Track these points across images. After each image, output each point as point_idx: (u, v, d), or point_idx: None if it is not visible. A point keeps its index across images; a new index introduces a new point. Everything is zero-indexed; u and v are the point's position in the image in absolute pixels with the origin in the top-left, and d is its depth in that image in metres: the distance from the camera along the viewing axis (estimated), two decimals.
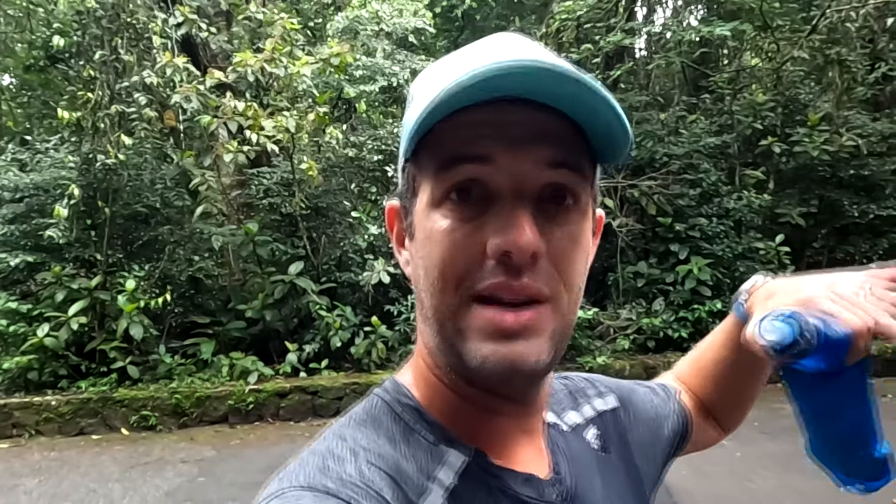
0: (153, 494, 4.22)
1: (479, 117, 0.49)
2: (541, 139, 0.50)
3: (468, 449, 0.55)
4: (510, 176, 0.50)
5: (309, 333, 6.78)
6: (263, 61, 5.56)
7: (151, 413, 5.86)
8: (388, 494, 0.49)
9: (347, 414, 0.58)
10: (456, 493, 0.52)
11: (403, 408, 0.57)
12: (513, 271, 0.49)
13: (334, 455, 0.51)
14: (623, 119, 0.49)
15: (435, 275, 0.52)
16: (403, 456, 0.53)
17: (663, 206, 7.28)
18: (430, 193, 0.52)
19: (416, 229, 0.55)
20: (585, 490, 0.61)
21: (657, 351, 6.97)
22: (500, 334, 0.49)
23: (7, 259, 6.16)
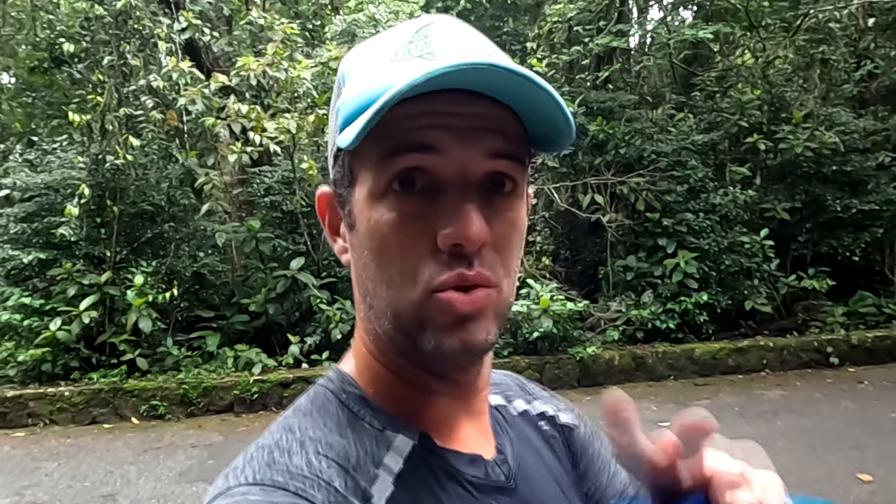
0: (167, 475, 4.48)
1: (423, 108, 0.49)
2: (485, 130, 0.51)
3: (413, 433, 0.56)
4: (457, 165, 0.51)
5: (310, 326, 7.04)
6: (265, 65, 5.80)
7: (160, 403, 6.13)
8: (338, 483, 0.49)
9: (292, 406, 0.58)
10: (403, 477, 0.53)
11: (348, 396, 0.57)
12: (464, 261, 0.51)
13: (281, 448, 0.51)
14: (565, 111, 0.51)
15: (392, 270, 0.52)
16: (351, 444, 0.53)
17: (652, 202, 7.54)
18: (372, 184, 0.52)
19: (358, 220, 0.54)
20: (529, 470, 0.62)
21: (645, 341, 7.23)
22: (457, 319, 0.51)
23: (20, 256, 6.41)
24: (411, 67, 0.50)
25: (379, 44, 0.56)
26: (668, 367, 7.00)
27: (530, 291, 7.08)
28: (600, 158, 7.75)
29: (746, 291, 7.66)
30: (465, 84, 0.49)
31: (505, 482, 0.58)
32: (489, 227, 0.51)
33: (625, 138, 7.71)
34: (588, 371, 6.85)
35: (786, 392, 6.16)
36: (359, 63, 0.56)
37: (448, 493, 0.54)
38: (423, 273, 0.51)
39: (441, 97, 0.49)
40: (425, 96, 0.48)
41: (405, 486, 0.52)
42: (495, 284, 0.53)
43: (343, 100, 0.55)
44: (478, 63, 0.47)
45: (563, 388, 6.72)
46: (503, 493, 0.58)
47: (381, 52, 0.54)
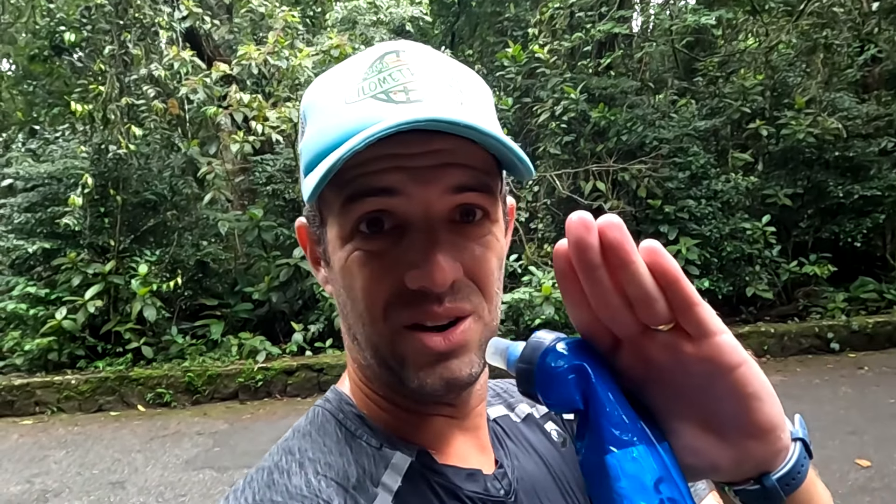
0: (173, 462, 4.54)
1: (380, 152, 0.49)
2: (446, 166, 0.50)
3: (411, 450, 0.56)
4: (419, 205, 0.50)
5: (313, 314, 7.08)
6: (266, 54, 5.79)
7: (166, 391, 6.19)
8: (337, 502, 0.50)
9: (292, 428, 0.59)
10: (402, 494, 0.53)
11: (346, 415, 0.58)
12: (433, 299, 0.51)
13: (280, 469, 0.52)
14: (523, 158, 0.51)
15: (361, 308, 0.53)
16: (349, 462, 0.53)
17: (653, 188, 7.54)
18: (338, 228, 0.53)
19: (332, 259, 0.55)
20: (531, 481, 0.61)
21: None
22: (434, 357, 0.51)
23: (25, 246, 6.45)
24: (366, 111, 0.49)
25: (337, 79, 0.54)
26: None
27: (532, 279, 7.12)
28: (602, 145, 7.74)
29: (748, 278, 7.68)
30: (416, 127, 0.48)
31: (504, 497, 0.58)
32: (461, 259, 0.51)
33: (626, 125, 7.70)
34: None
35: (786, 378, 6.20)
36: (318, 101, 0.55)
37: None
38: (392, 312, 0.52)
39: (399, 138, 0.48)
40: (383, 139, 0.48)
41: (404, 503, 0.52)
42: (471, 312, 0.52)
43: (304, 143, 0.55)
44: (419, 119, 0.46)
45: None
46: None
47: (339, 91, 0.53)
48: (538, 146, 8.30)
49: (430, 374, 0.52)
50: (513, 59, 8.51)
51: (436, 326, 0.51)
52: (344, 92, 0.52)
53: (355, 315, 0.54)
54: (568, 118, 7.71)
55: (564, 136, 7.82)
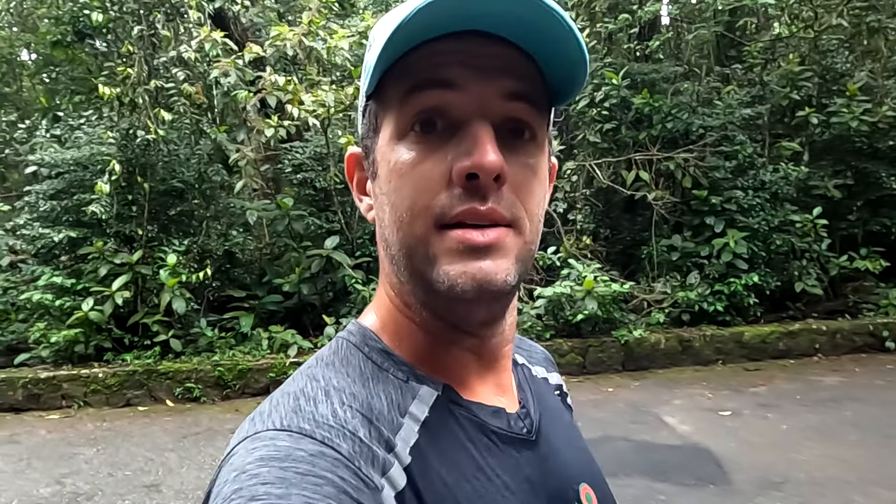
0: (209, 463, 4.32)
1: (443, 47, 0.50)
2: (504, 71, 0.51)
3: (437, 384, 0.56)
4: (474, 102, 0.51)
5: (344, 307, 6.84)
6: (301, 35, 5.52)
7: (195, 385, 5.98)
8: (363, 433, 0.49)
9: (315, 356, 0.59)
10: (428, 424, 0.53)
11: (371, 349, 0.58)
12: (478, 196, 0.50)
13: (307, 395, 0.51)
14: (579, 38, 0.51)
15: (403, 207, 0.52)
16: (375, 394, 0.53)
17: (699, 178, 7.21)
18: (394, 125, 0.53)
19: (379, 166, 0.55)
20: (550, 428, 0.63)
21: (692, 324, 6.97)
22: (469, 252, 0.51)
23: (51, 234, 6.25)
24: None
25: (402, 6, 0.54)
26: (715, 350, 6.73)
27: (571, 272, 6.83)
28: (645, 133, 7.41)
29: (796, 272, 7.34)
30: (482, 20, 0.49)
31: (527, 435, 0.59)
32: (510, 167, 0.51)
33: (671, 112, 7.35)
34: (632, 354, 6.60)
35: (845, 378, 5.88)
36: (382, 25, 0.55)
37: (473, 441, 0.54)
38: (435, 207, 0.51)
39: (460, 38, 0.50)
40: (445, 38, 0.50)
41: (431, 433, 0.53)
42: (512, 223, 0.52)
43: (368, 57, 0.56)
44: None
45: (607, 372, 6.50)
46: (525, 445, 0.58)
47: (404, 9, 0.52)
48: (576, 134, 7.99)
49: (462, 273, 0.50)
50: None
51: (475, 224, 0.50)
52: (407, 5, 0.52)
53: (395, 218, 0.53)
54: (609, 105, 7.39)
55: (605, 124, 7.50)
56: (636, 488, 3.71)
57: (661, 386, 5.93)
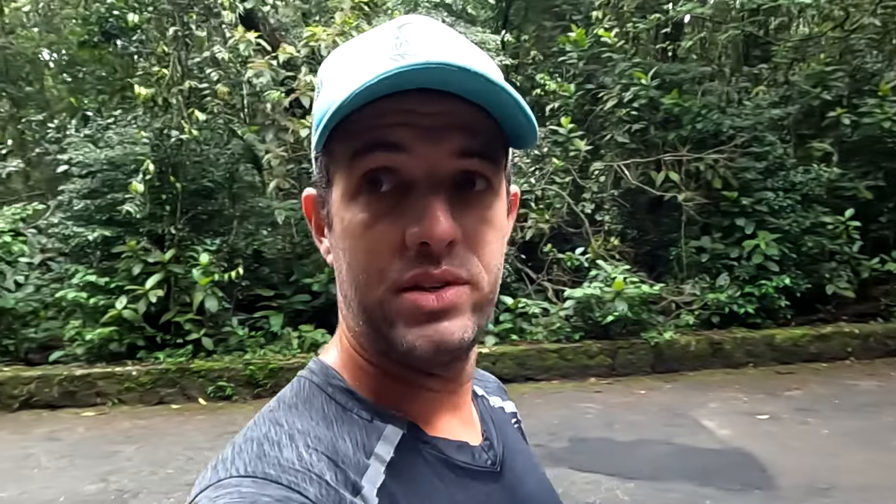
0: None
1: (392, 107, 0.49)
2: (454, 129, 0.51)
3: (402, 423, 0.56)
4: (424, 164, 0.51)
5: None
6: (335, 35, 5.53)
7: (227, 384, 6.02)
8: (329, 476, 0.49)
9: (276, 399, 0.58)
10: (394, 465, 0.53)
11: (334, 389, 0.57)
12: (432, 259, 0.51)
13: (271, 440, 0.50)
14: (528, 113, 0.50)
15: (358, 269, 0.53)
16: (339, 436, 0.53)
17: (729, 179, 7.15)
18: (345, 184, 0.53)
19: (334, 221, 0.55)
20: (512, 458, 0.63)
21: (721, 326, 6.91)
22: (425, 317, 0.51)
23: (85, 234, 6.30)
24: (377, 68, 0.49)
25: (353, 50, 0.55)
26: (746, 353, 6.68)
27: (600, 273, 6.80)
28: (674, 133, 7.36)
29: (827, 275, 7.27)
30: (430, 83, 0.48)
31: (492, 467, 0.60)
32: (461, 224, 0.52)
33: (701, 112, 7.30)
34: (662, 357, 6.56)
35: (881, 383, 5.82)
36: (333, 68, 0.56)
37: (440, 478, 0.55)
38: (389, 272, 0.51)
39: (408, 96, 0.49)
40: (393, 96, 0.49)
41: (398, 473, 0.52)
42: (468, 281, 0.52)
43: (317, 105, 0.56)
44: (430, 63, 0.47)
45: (637, 375, 6.47)
46: (491, 477, 0.59)
47: (355, 56, 0.54)
48: (603, 134, 7.95)
49: (419, 336, 0.51)
50: (574, 43, 8.14)
51: (429, 287, 0.51)
52: (359, 58, 0.53)
53: (352, 278, 0.54)
54: (638, 105, 7.35)
55: (633, 124, 7.46)
56: (680, 493, 3.69)
57: (693, 389, 5.89)
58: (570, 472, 4.00)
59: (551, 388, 6.14)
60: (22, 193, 11.35)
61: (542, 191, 7.55)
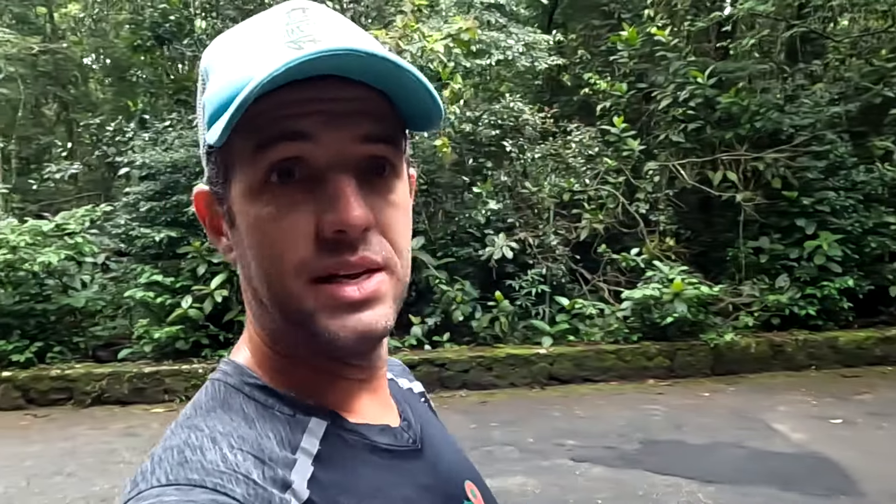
0: None
1: (293, 96, 0.49)
2: (358, 114, 0.51)
3: (325, 413, 0.56)
4: (332, 152, 0.50)
5: (428, 307, 6.90)
6: (397, 38, 5.59)
7: None
8: (256, 475, 0.48)
9: (190, 405, 0.56)
10: (321, 456, 0.53)
11: (252, 388, 0.56)
12: (348, 247, 0.50)
13: (192, 446, 0.49)
14: (432, 91, 0.50)
15: (270, 264, 0.52)
16: (263, 434, 0.52)
17: (789, 179, 7.04)
18: (249, 179, 0.51)
19: (238, 217, 0.53)
20: (429, 434, 0.64)
21: (781, 328, 6.81)
22: (347, 307, 0.51)
23: (152, 234, 6.47)
24: (277, 56, 0.48)
25: (241, 36, 0.54)
26: (808, 356, 6.58)
27: (655, 274, 6.75)
28: (732, 132, 7.26)
29: (891, 276, 7.11)
30: (333, 70, 0.48)
31: (413, 445, 0.60)
32: (373, 209, 0.52)
33: (760, 110, 7.19)
34: (722, 359, 6.49)
35: None
36: (223, 55, 0.54)
37: (367, 463, 0.55)
38: (304, 263, 0.51)
39: (310, 84, 0.49)
40: (294, 84, 0.48)
41: (325, 464, 0.52)
42: (383, 266, 0.52)
43: (208, 95, 0.54)
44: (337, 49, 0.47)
45: (696, 377, 6.41)
46: (413, 456, 0.60)
47: (245, 45, 0.52)
48: (657, 134, 7.89)
49: (343, 327, 0.51)
50: (626, 42, 8.08)
51: (348, 275, 0.51)
52: (251, 45, 0.52)
53: (262, 274, 0.53)
54: (694, 104, 7.27)
55: (689, 124, 7.38)
56: (763, 497, 3.66)
57: (756, 392, 5.82)
58: (647, 474, 4.00)
59: (610, 390, 6.12)
60: (72, 194, 11.69)
61: (594, 191, 7.52)
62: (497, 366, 6.37)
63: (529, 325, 6.83)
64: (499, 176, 7.21)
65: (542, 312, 6.94)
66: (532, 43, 7.61)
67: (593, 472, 4.06)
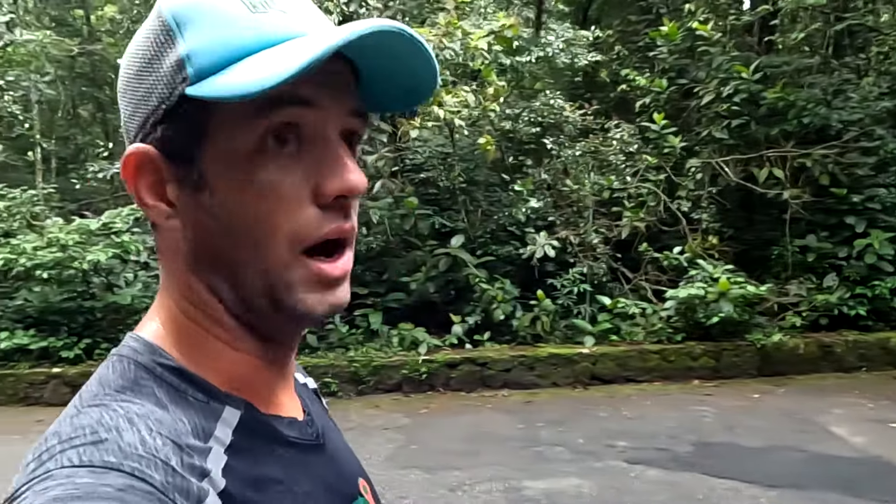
0: (374, 460, 4.43)
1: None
2: (347, 88, 0.52)
3: (238, 403, 0.54)
4: (328, 119, 0.51)
5: (468, 306, 6.88)
6: (441, 36, 5.56)
7: (332, 380, 6.15)
8: (175, 461, 0.45)
9: (94, 382, 0.52)
10: (234, 446, 0.51)
11: (164, 369, 0.52)
12: (343, 214, 0.51)
13: (107, 425, 0.46)
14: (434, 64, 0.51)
15: (263, 230, 0.50)
16: (178, 419, 0.49)
17: (838, 175, 6.87)
18: (241, 139, 0.50)
19: (218, 181, 0.50)
20: (328, 430, 0.64)
21: (830, 329, 6.66)
22: (327, 284, 0.52)
23: None
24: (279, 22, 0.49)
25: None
26: (858, 357, 6.42)
27: (699, 273, 6.64)
28: (778, 128, 7.11)
29: None
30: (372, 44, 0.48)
31: (316, 440, 0.60)
32: None
33: (807, 106, 7.03)
34: (769, 359, 6.37)
35: None
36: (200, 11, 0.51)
37: (277, 456, 0.55)
38: (298, 228, 0.50)
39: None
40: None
41: (237, 455, 0.51)
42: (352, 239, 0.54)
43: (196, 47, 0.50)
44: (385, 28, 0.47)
45: (742, 378, 6.30)
46: (316, 450, 0.60)
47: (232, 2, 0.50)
48: (698, 131, 7.75)
49: (320, 301, 0.52)
50: (666, 37, 7.96)
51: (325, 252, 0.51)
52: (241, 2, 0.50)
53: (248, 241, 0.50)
54: (738, 100, 7.13)
55: (733, 120, 7.24)
56: (828, 503, 3.57)
57: (807, 394, 5.69)
58: (703, 477, 3.93)
59: (654, 390, 6.04)
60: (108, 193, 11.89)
61: (635, 188, 7.43)
62: (539, 365, 6.33)
63: (570, 324, 6.77)
64: (539, 174, 7.16)
65: (583, 312, 6.88)
66: (571, 39, 7.54)
67: (649, 475, 4.00)
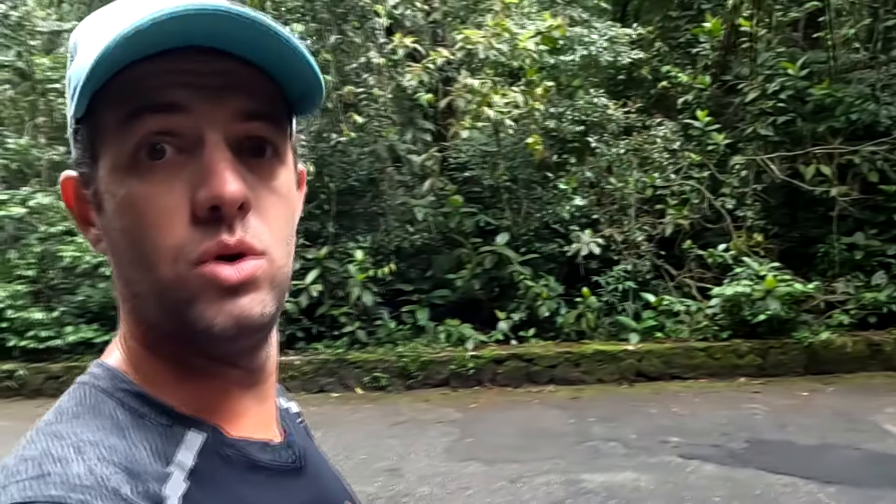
0: (431, 452, 4.57)
1: (162, 66, 0.46)
2: (234, 89, 0.48)
3: (203, 426, 0.52)
4: (206, 125, 0.47)
5: (513, 302, 6.98)
6: (489, 37, 5.66)
7: (382, 374, 6.31)
8: (126, 490, 0.44)
9: (52, 410, 0.51)
10: (197, 472, 0.49)
11: (125, 394, 0.51)
12: (224, 227, 0.47)
13: (53, 456, 0.44)
14: (313, 65, 0.48)
15: (142, 248, 0.48)
16: (135, 445, 0.48)
17: (887, 172, 6.80)
18: (116, 155, 0.48)
19: (105, 200, 0.50)
20: (311, 453, 0.62)
21: (879, 327, 6.60)
22: (224, 291, 0.47)
23: None
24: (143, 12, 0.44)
25: (113, 6, 0.51)
26: None
27: (744, 270, 6.64)
28: (825, 125, 7.06)
29: None
30: (203, 37, 0.46)
31: (293, 464, 0.58)
32: (253, 191, 0.49)
33: (855, 102, 6.96)
34: (816, 358, 6.35)
35: None
36: (91, 28, 0.51)
37: (245, 481, 0.52)
38: (182, 246, 0.47)
39: (184, 54, 0.46)
40: (167, 54, 0.46)
41: (200, 481, 0.49)
42: (262, 252, 0.49)
43: (73, 69, 0.50)
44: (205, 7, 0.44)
45: (789, 376, 6.29)
46: (294, 474, 0.58)
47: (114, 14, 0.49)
48: (742, 127, 7.72)
49: (219, 312, 0.48)
50: (709, 33, 7.93)
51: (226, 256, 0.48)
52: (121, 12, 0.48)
53: (137, 260, 0.49)
54: (785, 96, 7.09)
55: (778, 117, 7.20)
56: (889, 501, 3.61)
57: (857, 392, 5.68)
58: (760, 473, 3.98)
59: (701, 387, 6.08)
60: None
61: (678, 186, 7.43)
62: (585, 362, 6.40)
63: (615, 321, 6.82)
64: (582, 172, 7.21)
65: (628, 309, 6.92)
66: (613, 38, 7.56)
67: (705, 470, 4.06)
